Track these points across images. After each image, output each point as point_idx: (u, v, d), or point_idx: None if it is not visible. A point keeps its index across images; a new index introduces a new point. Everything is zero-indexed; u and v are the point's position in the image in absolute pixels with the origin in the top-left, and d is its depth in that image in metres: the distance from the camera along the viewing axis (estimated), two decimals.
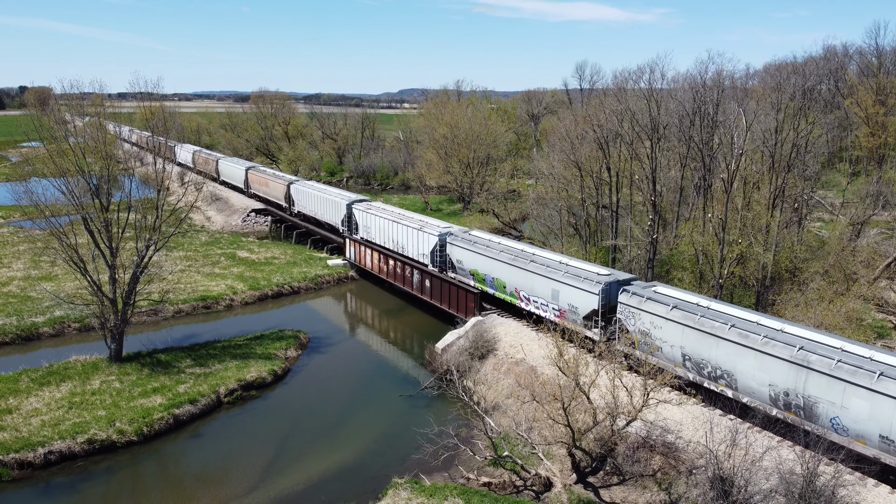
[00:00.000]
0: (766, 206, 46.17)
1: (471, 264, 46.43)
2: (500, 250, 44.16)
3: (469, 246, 46.59)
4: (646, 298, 33.39)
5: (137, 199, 41.87)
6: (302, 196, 75.53)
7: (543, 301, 39.95)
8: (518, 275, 41.87)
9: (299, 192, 76.56)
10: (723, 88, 51.58)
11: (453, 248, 48.38)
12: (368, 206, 62.44)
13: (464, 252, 47.07)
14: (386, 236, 56.92)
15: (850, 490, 23.31)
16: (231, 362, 40.11)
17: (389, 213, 58.29)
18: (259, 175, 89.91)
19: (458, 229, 50.87)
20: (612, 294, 35.85)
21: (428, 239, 50.67)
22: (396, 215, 57.39)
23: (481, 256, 45.20)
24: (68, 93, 42.35)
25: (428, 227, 52.03)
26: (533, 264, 40.96)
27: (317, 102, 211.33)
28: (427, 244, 50.92)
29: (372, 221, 59.20)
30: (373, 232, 59.03)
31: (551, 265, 39.90)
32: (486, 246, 45.56)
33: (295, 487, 28.81)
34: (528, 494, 27.64)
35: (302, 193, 75.74)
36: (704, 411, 29.96)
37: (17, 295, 51.19)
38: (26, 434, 30.60)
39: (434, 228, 51.19)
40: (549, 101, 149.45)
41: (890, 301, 45.84)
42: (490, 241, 46.49)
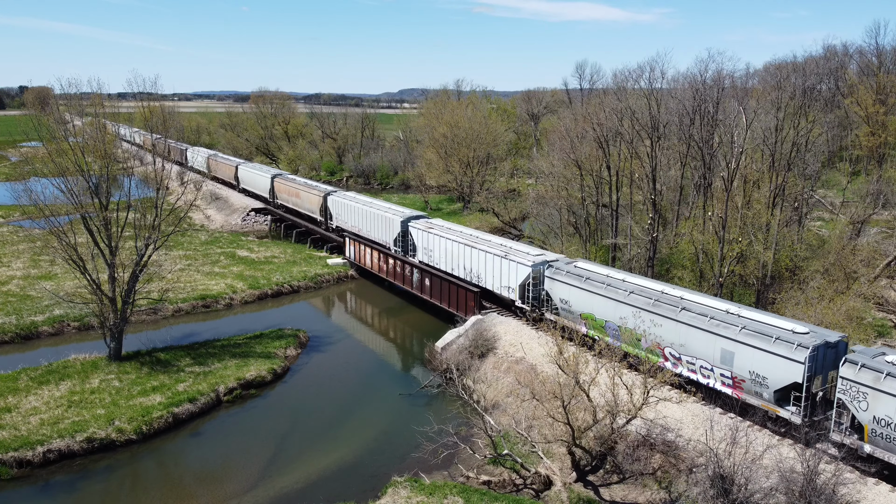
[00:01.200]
0: (766, 205, 46.14)
1: (582, 306, 37.04)
2: (628, 291, 34.52)
3: (579, 283, 37.30)
4: (885, 375, 24.05)
5: (137, 199, 41.85)
6: (342, 210, 66.72)
7: (705, 364, 30.37)
8: (663, 326, 32.07)
9: (339, 205, 67.74)
10: (723, 87, 51.54)
11: (555, 284, 38.96)
12: (429, 224, 54.22)
13: (571, 290, 37.76)
14: (455, 262, 48.35)
15: (851, 488, 23.27)
16: (230, 361, 40.07)
17: (459, 235, 49.59)
18: (287, 184, 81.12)
19: (560, 259, 41.16)
20: (824, 361, 26.49)
21: (516, 269, 41.51)
22: (469, 237, 48.48)
23: (599, 297, 35.71)
24: (67, 93, 42.37)
25: (515, 254, 42.89)
26: (687, 314, 31.27)
27: (317, 102, 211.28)
28: (515, 276, 41.71)
29: (436, 244, 50.87)
30: (437, 256, 50.81)
31: (718, 316, 30.20)
32: (606, 284, 35.88)
33: (294, 486, 28.78)
34: (527, 493, 27.59)
35: (342, 207, 66.90)
36: (705, 409, 29.94)
37: (16, 294, 51.16)
38: (25, 433, 30.56)
39: (524, 256, 41.95)
40: (549, 100, 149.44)
41: (890, 300, 45.80)
42: (611, 278, 36.51)
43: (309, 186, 76.62)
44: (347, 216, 65.79)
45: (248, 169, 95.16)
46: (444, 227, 53.02)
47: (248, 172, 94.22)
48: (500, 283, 43.47)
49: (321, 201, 71.39)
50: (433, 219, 57.38)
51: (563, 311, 38.56)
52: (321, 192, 72.41)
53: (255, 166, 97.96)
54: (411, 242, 54.87)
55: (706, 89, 51.09)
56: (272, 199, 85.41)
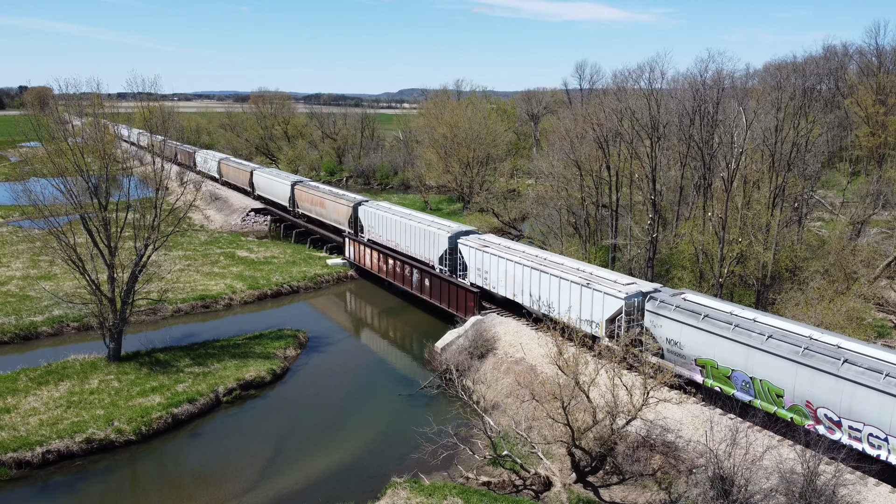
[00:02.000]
0: (766, 205, 46.11)
1: (699, 349, 30.68)
2: (765, 335, 28.19)
3: (694, 321, 30.78)
4: None
5: (136, 199, 41.80)
6: (376, 222, 60.03)
7: (878, 431, 24.61)
8: (815, 381, 26.37)
9: (372, 217, 60.96)
10: (723, 87, 51.51)
11: (660, 321, 32.54)
12: (482, 241, 47.53)
13: (683, 330, 31.38)
14: (518, 287, 42.44)
15: (851, 489, 23.25)
16: (230, 361, 40.02)
17: (523, 256, 43.11)
18: (310, 192, 74.24)
19: (661, 291, 34.97)
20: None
21: (603, 301, 35.48)
22: (536, 259, 42.05)
23: (724, 341, 29.49)
24: (67, 93, 42.31)
25: (601, 282, 36.38)
26: (851, 368, 25.34)
27: (316, 102, 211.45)
28: (601, 308, 35.64)
29: (492, 265, 44.65)
30: (494, 278, 44.66)
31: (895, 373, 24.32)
32: (733, 325, 29.28)
33: (294, 487, 28.73)
34: (527, 494, 27.55)
35: (376, 218, 60.15)
36: (704, 410, 29.89)
37: (15, 294, 51.11)
38: (24, 433, 30.52)
39: (612, 286, 35.66)
40: (548, 100, 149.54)
41: (890, 300, 45.77)
42: (738, 317, 29.72)
43: (335, 195, 69.79)
44: (382, 229, 59.23)
45: (265, 175, 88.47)
46: (501, 245, 46.27)
47: (265, 178, 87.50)
48: (580, 316, 36.61)
49: (350, 212, 64.44)
50: (485, 234, 51.20)
51: (670, 354, 32.05)
52: (350, 201, 65.39)
53: (272, 172, 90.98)
54: (461, 261, 48.32)
55: (706, 89, 51.07)
56: (292, 208, 79.18)
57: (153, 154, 43.19)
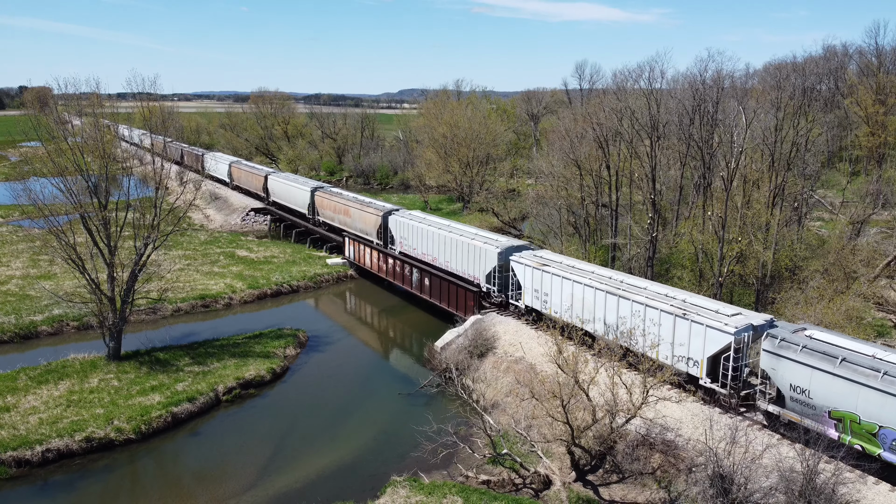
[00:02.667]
0: (765, 205, 46.12)
1: (835, 399, 25.56)
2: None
3: (829, 366, 25.64)
4: None
5: (136, 199, 41.80)
6: (410, 233, 55.05)
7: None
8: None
9: (405, 228, 55.86)
10: (722, 87, 51.54)
11: (783, 364, 27.08)
12: (539, 259, 41.62)
13: (813, 375, 26.10)
14: (590, 313, 36.15)
15: (851, 488, 23.25)
16: (230, 361, 40.03)
17: (592, 277, 36.96)
18: (333, 199, 69.35)
19: (781, 327, 29.19)
20: None
21: (705, 336, 29.87)
22: (610, 282, 36.04)
23: (867, 390, 24.42)
24: (66, 92, 42.32)
25: (702, 313, 30.63)
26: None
27: (316, 102, 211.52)
28: (702, 344, 30.04)
29: (554, 287, 38.92)
30: (556, 301, 38.76)
31: None
32: (879, 371, 24.26)
33: (293, 485, 28.74)
34: (527, 492, 27.56)
35: (410, 230, 55.16)
36: (704, 409, 29.89)
37: (15, 293, 51.11)
38: (24, 432, 30.52)
39: (717, 318, 29.97)
40: (548, 100, 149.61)
41: (890, 299, 45.79)
42: (883, 361, 24.88)
43: (362, 203, 64.38)
44: (417, 241, 53.97)
45: (282, 180, 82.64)
46: (564, 264, 40.55)
47: (282, 184, 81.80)
48: (673, 351, 31.56)
49: (379, 222, 59.63)
50: (542, 250, 45.28)
51: (795, 403, 26.93)
52: (379, 210, 60.35)
53: (289, 177, 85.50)
54: (513, 280, 42.76)
55: (706, 89, 51.10)
56: (312, 216, 74.06)
57: (153, 154, 43.20)
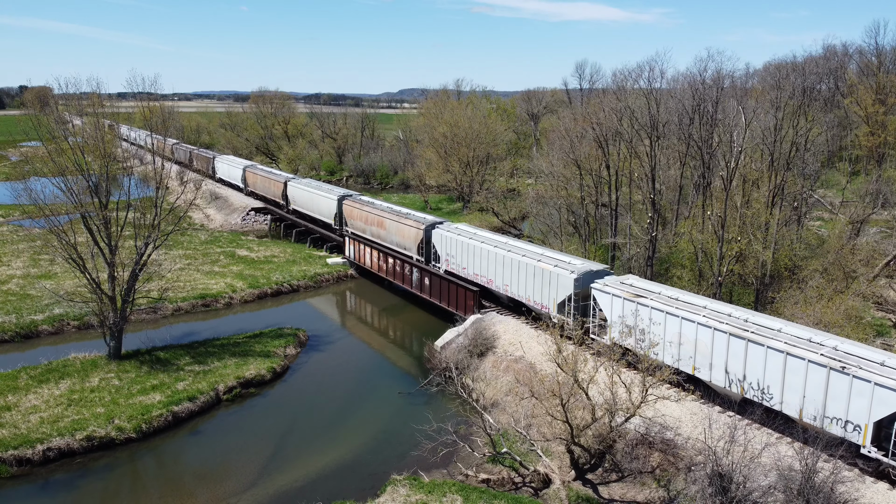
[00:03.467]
0: (765, 205, 46.16)
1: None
2: None
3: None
4: None
5: (136, 199, 41.87)
6: (459, 250, 48.87)
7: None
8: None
9: (452, 244, 49.68)
10: (722, 87, 51.56)
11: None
12: (632, 289, 34.86)
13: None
14: (708, 358, 30.32)
15: (849, 486, 23.32)
16: (230, 360, 40.11)
17: (713, 315, 30.64)
18: (364, 209, 62.85)
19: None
20: None
21: (874, 396, 24.46)
22: (736, 322, 29.83)
23: None
24: (67, 92, 42.40)
25: (865, 365, 25.26)
26: None
27: (317, 102, 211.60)
28: (870, 406, 24.54)
29: (658, 323, 32.27)
30: (656, 337, 32.19)
31: None
32: None
33: (294, 484, 28.82)
34: (526, 491, 27.63)
35: (458, 247, 48.88)
36: (703, 408, 29.97)
37: (16, 293, 51.19)
38: (25, 431, 30.61)
39: (890, 373, 24.53)
40: (548, 100, 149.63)
41: (889, 299, 45.86)
42: None
43: (399, 215, 57.96)
44: (468, 260, 47.96)
45: (304, 187, 76.41)
46: (664, 295, 33.74)
47: (304, 191, 75.45)
48: (823, 411, 26.09)
49: (421, 236, 53.57)
50: (628, 276, 38.21)
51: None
52: (420, 223, 54.37)
53: (312, 184, 78.05)
54: (596, 311, 37.06)
55: (705, 89, 51.13)
56: (339, 226, 67.75)
57: (162, 157, 43.22)
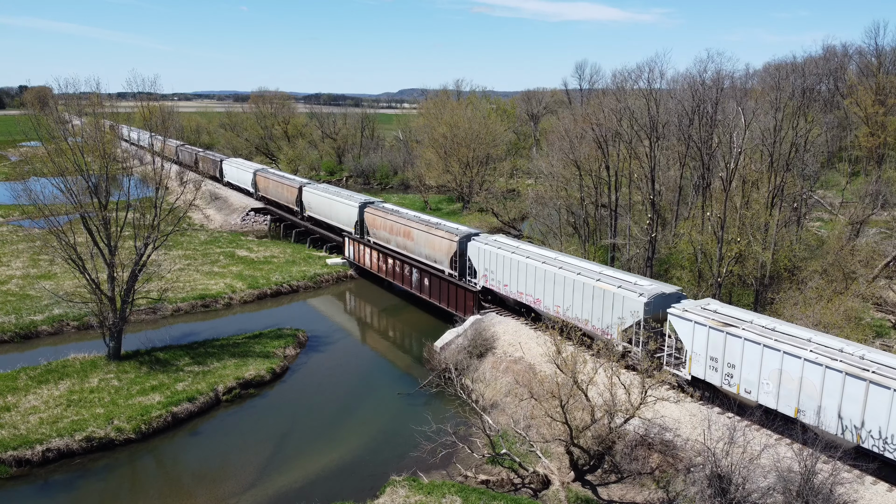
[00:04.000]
0: (764, 205, 46.17)
1: None
2: None
3: None
4: None
5: (136, 199, 41.87)
6: (500, 266, 43.53)
7: None
8: None
9: (491, 258, 44.24)
10: (722, 87, 51.59)
11: None
12: (719, 316, 30.24)
13: None
14: (825, 402, 25.59)
15: (848, 487, 23.33)
16: (229, 360, 40.10)
17: (824, 351, 26.12)
18: (390, 219, 56.64)
19: None
20: None
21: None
22: (850, 359, 25.43)
23: None
24: (66, 92, 42.40)
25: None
26: None
27: (316, 102, 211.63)
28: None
29: (755, 358, 27.84)
30: (752, 377, 28.04)
31: None
32: None
33: (293, 485, 28.82)
34: (526, 492, 27.63)
35: (499, 262, 43.56)
36: (702, 409, 29.97)
37: (15, 293, 51.17)
38: (24, 432, 30.59)
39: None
40: (548, 100, 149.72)
41: (889, 300, 45.86)
42: None
43: (429, 225, 52.48)
44: (510, 276, 42.78)
45: (321, 193, 70.62)
46: (756, 324, 28.92)
47: (321, 198, 69.81)
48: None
49: (454, 248, 47.98)
50: (709, 300, 33.09)
51: None
52: (453, 234, 48.73)
53: (329, 189, 72.13)
54: (674, 341, 32.46)
55: (705, 90, 51.16)
56: (361, 235, 62.04)
57: (154, 155, 43.20)
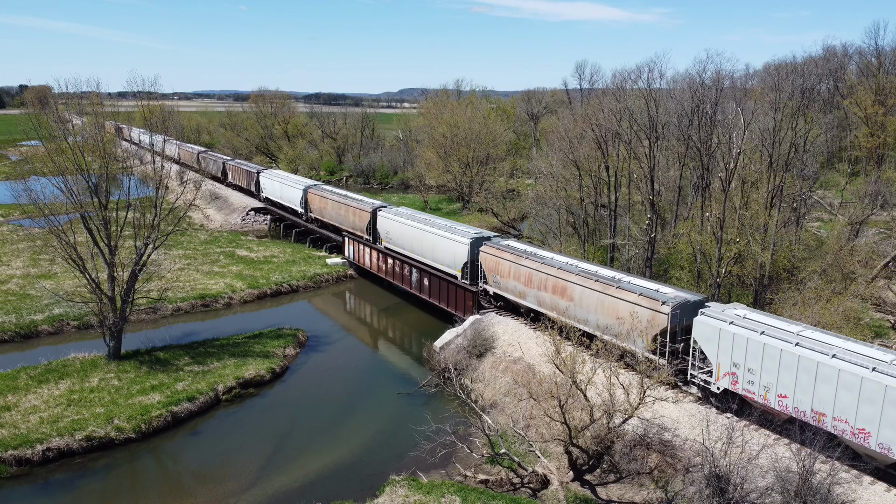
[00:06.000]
0: (764, 206, 46.21)
1: None
2: None
3: None
4: None
5: (136, 199, 41.92)
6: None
7: None
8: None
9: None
10: (721, 88, 51.63)
11: None
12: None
13: None
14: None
15: (846, 488, 23.39)
16: (229, 360, 40.16)
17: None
18: (523, 265, 41.06)
19: None
20: None
21: None
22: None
23: None
24: (67, 92, 42.46)
25: None
26: None
27: (316, 102, 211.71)
28: None
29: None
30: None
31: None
32: None
33: (293, 485, 28.88)
34: (524, 492, 27.69)
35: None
36: (701, 409, 30.03)
37: (16, 293, 51.23)
38: (25, 431, 30.66)
39: None
40: (548, 100, 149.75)
41: (888, 300, 45.89)
42: None
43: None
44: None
45: (403, 220, 54.03)
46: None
47: (410, 228, 52.73)
48: None
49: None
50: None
51: None
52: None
53: (412, 216, 55.35)
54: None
55: (705, 90, 51.20)
56: (474, 279, 46.11)
57: (160, 156, 43.23)
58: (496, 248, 44.08)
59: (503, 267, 42.92)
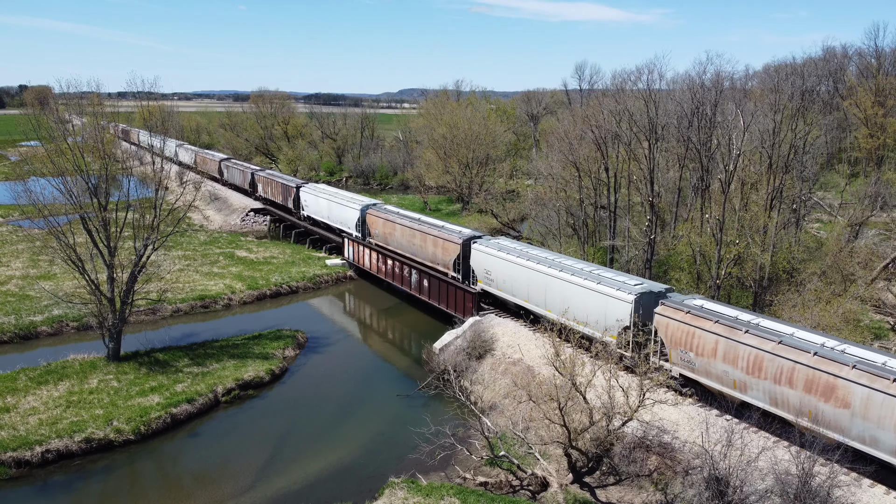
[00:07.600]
0: (763, 207, 46.23)
1: None
2: None
3: None
4: None
5: (136, 199, 41.90)
6: None
7: None
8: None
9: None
10: (721, 89, 51.66)
11: None
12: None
13: None
14: None
15: (846, 490, 23.36)
16: (229, 362, 40.13)
17: None
18: None
19: None
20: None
21: None
22: None
23: None
24: (67, 92, 42.44)
25: None
26: None
27: (316, 102, 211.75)
28: None
29: None
30: None
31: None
32: None
33: (292, 487, 28.85)
34: (524, 494, 27.67)
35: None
36: (700, 411, 30.03)
37: (15, 294, 51.20)
38: (24, 432, 30.61)
39: None
40: (548, 101, 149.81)
41: (888, 302, 45.89)
42: None
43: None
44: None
45: (513, 259, 42.24)
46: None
47: (518, 268, 41.73)
48: None
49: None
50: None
51: None
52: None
53: (530, 255, 42.19)
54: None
55: (704, 91, 51.23)
56: None
57: (163, 158, 43.16)
58: (675, 308, 33.33)
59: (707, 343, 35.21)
